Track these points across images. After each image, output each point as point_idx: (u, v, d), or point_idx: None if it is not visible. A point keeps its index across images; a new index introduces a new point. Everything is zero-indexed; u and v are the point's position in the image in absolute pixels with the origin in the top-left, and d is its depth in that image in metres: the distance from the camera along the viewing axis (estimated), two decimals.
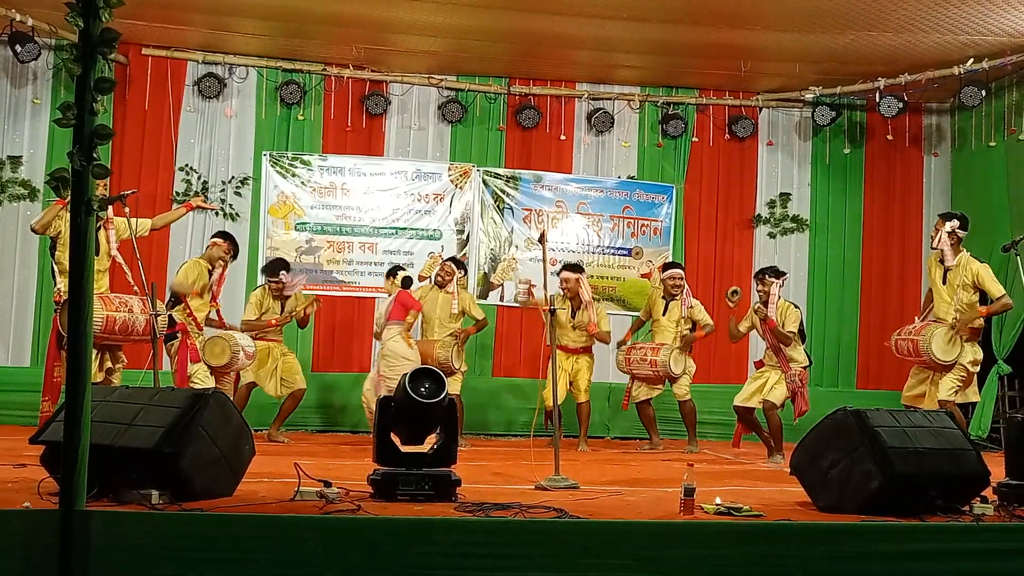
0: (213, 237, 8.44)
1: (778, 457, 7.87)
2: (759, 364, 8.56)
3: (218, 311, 8.28)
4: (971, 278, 7.55)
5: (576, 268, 9.05)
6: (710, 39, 9.45)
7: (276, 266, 8.80)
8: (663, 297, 9.10)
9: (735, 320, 8.50)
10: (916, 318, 8.12)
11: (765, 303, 8.20)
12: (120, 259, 7.61)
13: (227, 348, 7.78)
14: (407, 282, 8.67)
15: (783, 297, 8.44)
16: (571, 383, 8.93)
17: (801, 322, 8.38)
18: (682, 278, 9.07)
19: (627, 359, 9.08)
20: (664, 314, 9.05)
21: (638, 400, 9.06)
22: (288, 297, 8.71)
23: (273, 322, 8.59)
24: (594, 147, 10.99)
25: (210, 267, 8.08)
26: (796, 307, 8.39)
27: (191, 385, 7.49)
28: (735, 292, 8.51)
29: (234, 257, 8.42)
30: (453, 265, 9.04)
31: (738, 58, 9.93)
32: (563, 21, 9.11)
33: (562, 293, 8.91)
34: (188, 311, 7.75)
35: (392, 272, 8.71)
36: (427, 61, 10.42)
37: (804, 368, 8.26)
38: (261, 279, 9.14)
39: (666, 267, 9.38)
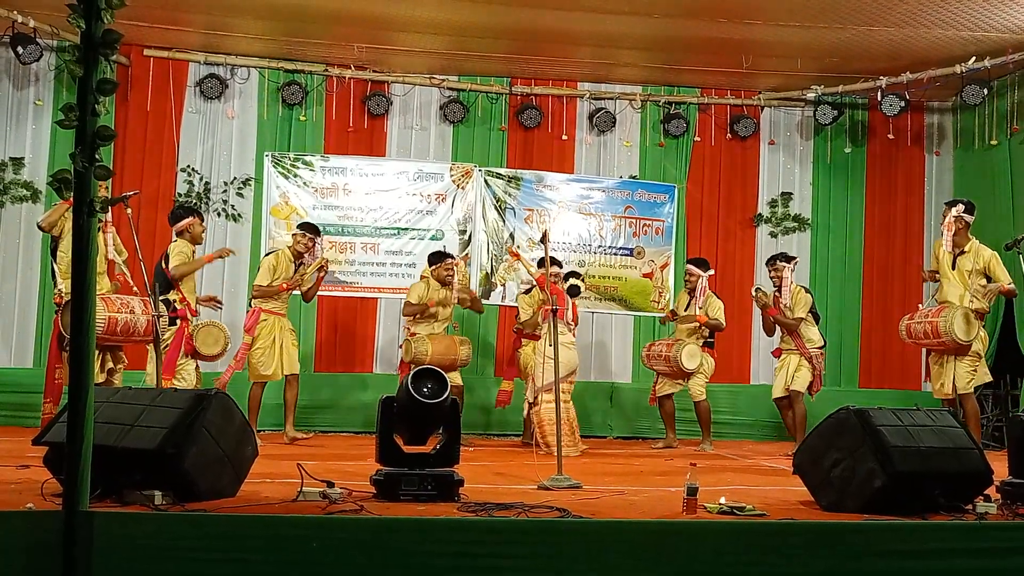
0: (185, 218, 7.98)
1: None
2: (777, 352, 8.77)
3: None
4: (983, 264, 7.72)
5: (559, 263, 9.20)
6: (711, 34, 9.45)
7: (315, 228, 8.71)
8: (688, 293, 9.20)
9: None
10: (919, 305, 8.21)
11: (779, 288, 8.55)
12: (119, 261, 7.61)
13: (221, 338, 7.72)
14: (574, 291, 8.88)
15: (796, 282, 8.70)
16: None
17: (813, 305, 8.59)
18: (694, 275, 9.08)
19: (647, 355, 9.29)
20: (686, 310, 9.14)
21: (660, 395, 9.16)
22: (300, 264, 8.53)
23: (284, 286, 8.34)
24: (596, 147, 11.00)
25: (194, 248, 8.01)
26: (808, 291, 8.66)
27: (175, 378, 7.46)
28: (758, 289, 8.76)
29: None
30: (451, 260, 9.08)
31: (739, 54, 9.93)
32: (564, 16, 9.12)
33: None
34: (181, 296, 7.72)
35: (565, 276, 8.95)
36: (429, 61, 10.43)
37: (820, 348, 8.54)
38: (287, 241, 8.90)
39: (687, 262, 9.51)
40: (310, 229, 8.62)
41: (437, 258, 8.96)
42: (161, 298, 7.41)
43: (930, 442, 4.92)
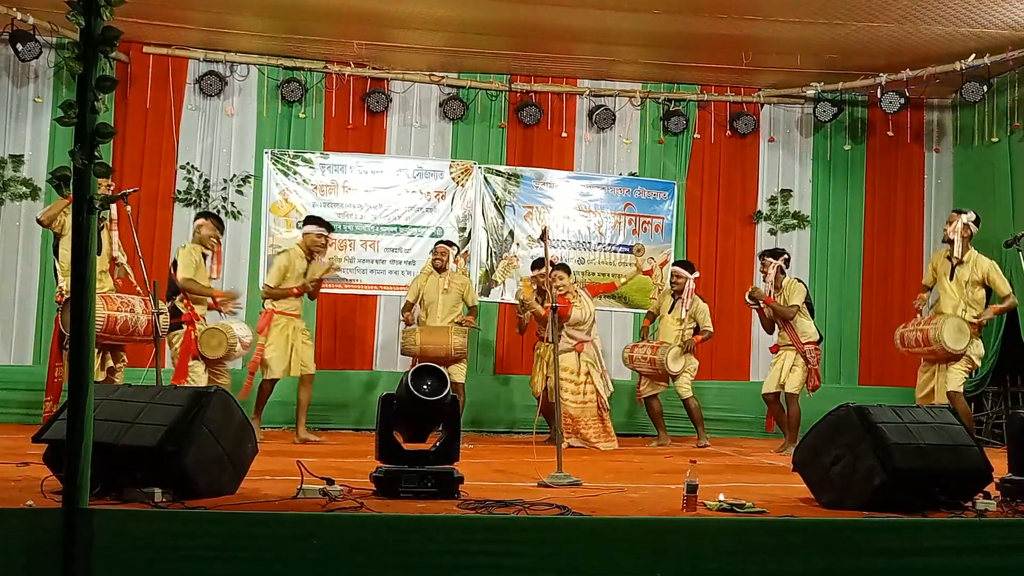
0: (196, 219, 8.24)
1: (791, 449, 7.92)
2: (775, 348, 8.76)
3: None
4: (981, 275, 7.70)
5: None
6: (711, 30, 9.43)
7: (328, 224, 8.59)
8: (672, 295, 9.18)
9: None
10: (917, 315, 8.18)
11: (765, 281, 8.60)
12: (123, 259, 7.60)
13: (223, 341, 7.65)
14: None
15: (788, 275, 8.70)
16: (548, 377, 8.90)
17: (808, 296, 8.59)
18: (682, 277, 9.11)
19: (630, 357, 9.25)
20: (670, 311, 9.15)
21: (645, 396, 9.15)
22: (311, 262, 8.40)
23: (296, 291, 8.22)
24: (595, 144, 10.99)
25: (204, 250, 7.96)
26: (801, 282, 8.69)
27: (188, 381, 7.42)
28: (750, 293, 8.75)
29: (222, 231, 8.22)
30: (445, 246, 9.07)
31: (739, 51, 9.92)
32: (563, 13, 9.10)
33: (534, 288, 9.10)
34: (186, 301, 7.70)
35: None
36: (428, 58, 10.42)
37: (815, 343, 8.51)
38: (287, 238, 8.97)
39: (673, 264, 9.51)
40: (325, 226, 8.49)
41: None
42: (169, 304, 7.44)
43: (930, 439, 4.93)
